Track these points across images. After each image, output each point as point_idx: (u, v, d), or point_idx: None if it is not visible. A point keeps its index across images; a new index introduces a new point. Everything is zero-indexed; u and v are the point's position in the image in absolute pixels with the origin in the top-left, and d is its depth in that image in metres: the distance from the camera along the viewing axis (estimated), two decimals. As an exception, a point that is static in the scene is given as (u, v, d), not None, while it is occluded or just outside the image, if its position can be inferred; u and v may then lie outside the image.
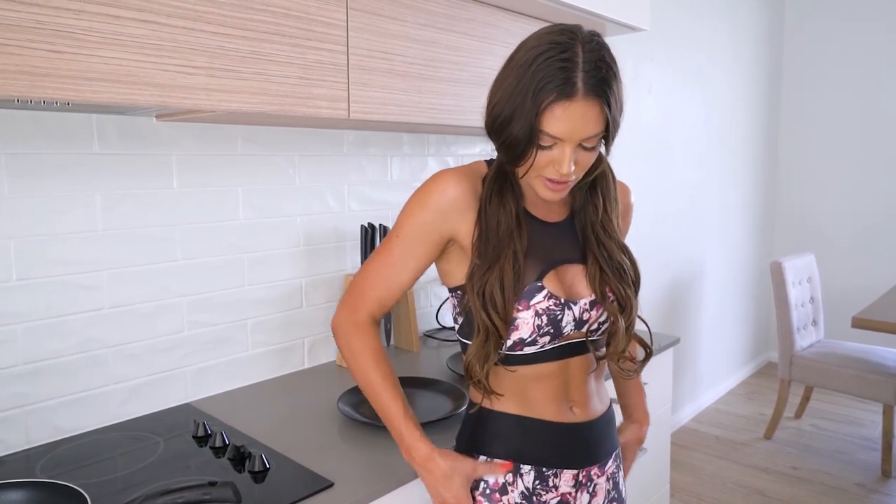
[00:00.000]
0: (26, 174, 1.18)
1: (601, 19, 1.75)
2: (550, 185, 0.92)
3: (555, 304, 0.95)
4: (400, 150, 1.85)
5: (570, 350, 1.00)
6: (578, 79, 0.83)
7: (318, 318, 1.68)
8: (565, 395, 1.01)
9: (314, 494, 1.01)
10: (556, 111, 0.84)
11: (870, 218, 3.98)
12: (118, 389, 1.33)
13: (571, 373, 1.01)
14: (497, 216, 0.94)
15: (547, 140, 0.87)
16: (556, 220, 1.02)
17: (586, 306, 0.98)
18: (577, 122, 0.85)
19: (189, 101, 1.02)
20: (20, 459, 1.16)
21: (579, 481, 1.04)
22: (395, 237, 0.98)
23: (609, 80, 0.85)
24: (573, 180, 0.92)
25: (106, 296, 1.29)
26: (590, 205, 1.01)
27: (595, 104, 0.84)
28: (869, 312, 2.71)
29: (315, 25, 1.18)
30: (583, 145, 0.88)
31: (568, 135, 0.86)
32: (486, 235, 0.94)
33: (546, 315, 0.95)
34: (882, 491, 2.70)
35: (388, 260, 0.99)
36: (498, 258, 0.92)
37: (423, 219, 0.96)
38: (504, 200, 0.95)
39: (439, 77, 1.43)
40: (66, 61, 0.89)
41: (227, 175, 1.47)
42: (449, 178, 0.96)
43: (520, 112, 0.86)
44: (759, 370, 4.32)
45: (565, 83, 0.83)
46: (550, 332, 0.96)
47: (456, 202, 0.95)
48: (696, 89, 3.36)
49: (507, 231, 0.94)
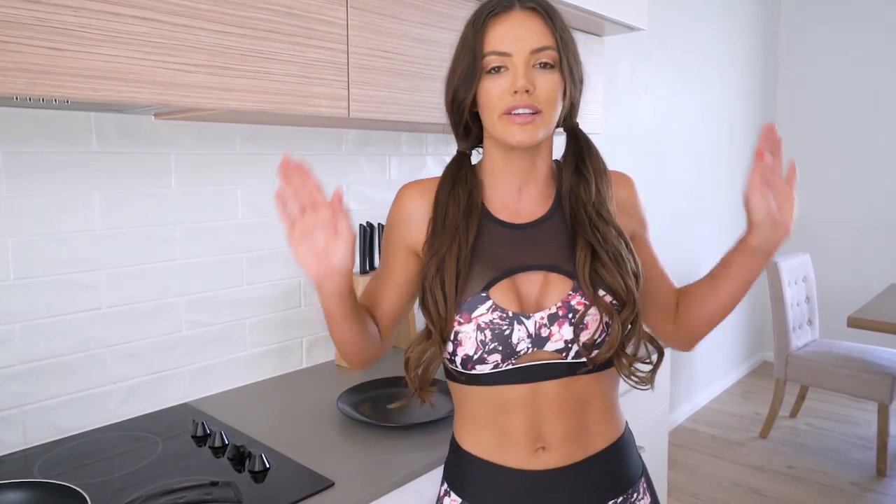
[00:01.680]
0: (24, 173, 1.17)
1: (599, 18, 1.75)
2: (516, 119, 0.83)
3: (500, 318, 0.84)
4: (398, 150, 1.85)
5: (541, 373, 0.86)
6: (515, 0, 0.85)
7: (316, 318, 1.68)
8: (534, 432, 0.87)
9: (315, 494, 1.01)
10: (496, 25, 0.84)
11: (864, 218, 4.00)
12: (117, 389, 1.32)
13: (541, 402, 0.87)
14: (445, 205, 0.90)
15: (494, 59, 0.83)
16: (529, 220, 0.91)
17: (543, 320, 0.85)
18: (518, 30, 0.83)
19: (189, 99, 1.02)
20: (18, 459, 1.16)
21: None
22: (382, 251, 1.00)
23: (549, 4, 0.86)
24: (541, 117, 0.84)
25: (105, 295, 1.29)
26: (579, 184, 0.90)
27: (535, 15, 0.84)
28: (864, 312, 2.73)
29: (315, 24, 1.18)
30: (537, 63, 0.83)
31: (511, 43, 0.83)
32: (434, 228, 0.90)
33: (490, 329, 0.84)
34: (877, 490, 2.71)
35: (376, 273, 1.01)
36: (440, 249, 0.86)
37: (389, 235, 0.98)
38: (455, 189, 0.90)
39: (439, 76, 1.42)
40: (66, 59, 0.88)
41: (225, 174, 1.46)
42: (405, 192, 0.96)
43: (463, 56, 0.86)
44: (754, 370, 4.33)
45: (501, 1, 0.85)
46: (499, 350, 0.85)
47: (412, 214, 0.94)
48: (693, 89, 3.37)
49: (452, 222, 0.88)
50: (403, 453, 1.16)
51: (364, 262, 1.68)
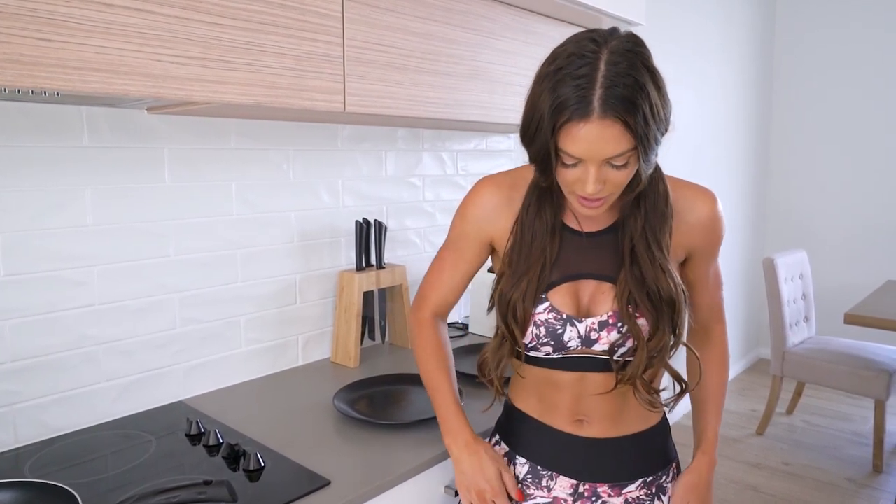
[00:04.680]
0: (15, 168, 1.15)
1: (597, 13, 1.73)
2: (583, 201, 0.88)
3: (555, 319, 0.94)
4: (395, 145, 1.83)
5: (589, 365, 0.96)
6: (595, 97, 0.77)
7: (312, 315, 1.66)
8: (576, 408, 0.99)
9: (311, 493, 1.00)
10: (572, 132, 0.80)
11: (861, 215, 4.00)
12: (109, 387, 1.30)
13: (586, 388, 0.98)
14: (532, 228, 0.95)
15: (569, 159, 0.83)
16: (594, 228, 0.97)
17: (594, 325, 0.94)
18: (594, 144, 0.79)
19: (182, 92, 1.00)
20: (9, 459, 1.14)
21: (580, 492, 1.01)
22: (445, 245, 1.08)
23: (633, 95, 0.77)
24: (609, 197, 0.87)
25: (97, 292, 1.27)
26: (631, 217, 0.94)
27: (614, 124, 0.78)
28: (861, 308, 2.73)
29: (310, 16, 1.16)
30: (611, 164, 0.82)
31: (587, 155, 0.81)
32: (518, 247, 0.95)
33: (544, 327, 0.94)
34: (873, 486, 2.71)
35: (441, 265, 1.09)
36: (527, 271, 0.94)
37: (462, 229, 1.04)
38: (541, 211, 0.95)
39: (436, 70, 1.41)
40: (56, 50, 0.86)
41: (219, 170, 1.45)
42: (485, 188, 1.01)
43: (539, 128, 0.82)
44: (751, 366, 4.34)
45: (580, 102, 0.78)
46: (551, 344, 0.95)
47: (490, 211, 1.00)
48: (689, 86, 3.36)
49: (540, 245, 0.94)
50: (400, 451, 1.14)
51: (360, 259, 1.67)
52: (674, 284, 0.92)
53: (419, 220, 1.93)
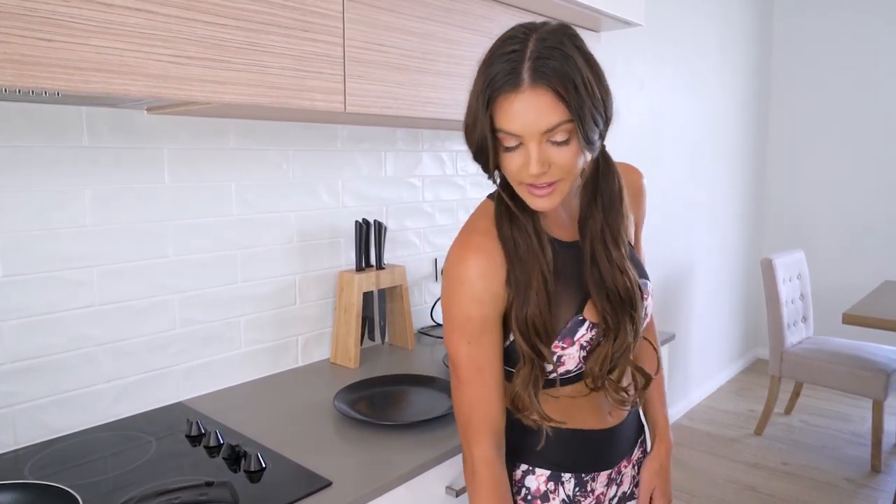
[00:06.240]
0: (14, 168, 1.15)
1: (596, 13, 1.74)
2: (532, 190, 0.85)
3: (598, 333, 0.93)
4: (394, 146, 1.83)
5: None
6: (524, 69, 0.78)
7: (311, 315, 1.66)
8: (598, 406, 1.00)
9: (312, 494, 0.99)
10: (505, 105, 0.79)
11: (859, 215, 4.01)
12: (109, 388, 1.30)
13: None
14: (513, 238, 0.89)
15: (508, 140, 0.82)
16: (572, 238, 0.96)
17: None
18: (528, 116, 0.79)
19: (182, 92, 1.00)
20: (8, 460, 1.13)
21: (612, 478, 1.05)
22: (457, 348, 0.92)
23: (562, 66, 0.78)
24: (559, 184, 0.85)
25: (97, 292, 1.27)
26: (590, 217, 0.94)
27: (546, 93, 0.78)
28: (859, 308, 2.73)
29: (311, 16, 1.16)
30: (551, 140, 0.81)
31: (523, 128, 0.80)
32: (512, 265, 0.89)
33: (591, 345, 0.93)
34: (871, 486, 2.72)
35: (467, 377, 0.92)
36: (529, 283, 0.88)
37: (468, 315, 0.90)
38: (515, 220, 0.90)
39: (436, 70, 1.41)
40: (57, 50, 0.86)
41: (219, 170, 1.44)
42: (464, 260, 0.90)
43: (477, 114, 0.82)
44: (749, 367, 4.34)
45: (510, 74, 0.78)
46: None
47: (488, 285, 0.89)
48: (687, 86, 3.36)
49: (527, 250, 0.89)
50: (401, 452, 1.14)
51: (360, 260, 1.67)
52: (630, 283, 0.93)
53: (419, 221, 1.93)
